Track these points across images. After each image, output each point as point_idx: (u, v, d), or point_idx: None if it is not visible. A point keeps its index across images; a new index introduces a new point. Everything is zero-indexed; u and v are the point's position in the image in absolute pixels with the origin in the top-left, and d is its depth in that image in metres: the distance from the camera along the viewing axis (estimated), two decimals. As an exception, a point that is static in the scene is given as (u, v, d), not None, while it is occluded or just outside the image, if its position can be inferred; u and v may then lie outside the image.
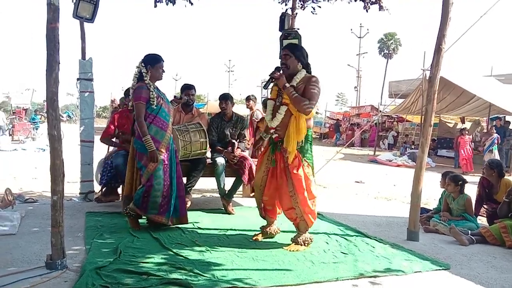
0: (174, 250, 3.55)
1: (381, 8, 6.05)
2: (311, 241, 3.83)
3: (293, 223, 3.88)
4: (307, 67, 3.81)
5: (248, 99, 7.37)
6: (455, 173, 5.12)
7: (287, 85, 3.69)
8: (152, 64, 4.11)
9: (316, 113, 5.11)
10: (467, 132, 14.52)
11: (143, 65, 4.08)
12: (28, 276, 2.88)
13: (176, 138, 4.73)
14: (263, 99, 7.21)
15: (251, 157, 5.45)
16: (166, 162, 4.10)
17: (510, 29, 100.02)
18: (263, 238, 4.03)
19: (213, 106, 24.06)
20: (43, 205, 5.13)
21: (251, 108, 7.33)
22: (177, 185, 4.21)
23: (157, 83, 4.20)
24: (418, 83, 16.02)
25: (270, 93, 3.98)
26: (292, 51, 3.78)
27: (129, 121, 5.23)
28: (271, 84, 3.89)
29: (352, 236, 4.29)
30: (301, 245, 3.76)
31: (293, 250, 3.69)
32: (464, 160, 13.38)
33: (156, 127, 4.03)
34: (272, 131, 3.81)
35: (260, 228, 4.13)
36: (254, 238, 4.02)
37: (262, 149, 4.02)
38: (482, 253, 3.95)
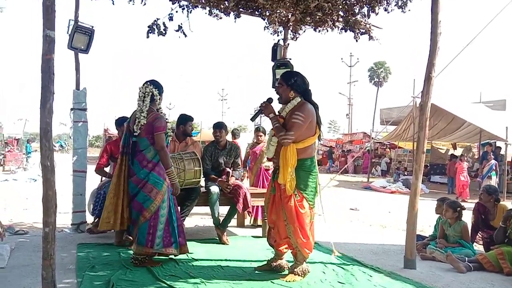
0: (168, 282, 3.47)
1: (370, 38, 6.19)
2: (308, 271, 3.76)
3: (291, 252, 3.81)
4: (305, 93, 3.75)
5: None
6: (453, 200, 5.13)
7: (271, 115, 3.72)
8: (162, 91, 4.11)
9: (319, 138, 5.10)
10: (465, 159, 14.28)
11: (158, 91, 4.01)
12: (17, 311, 2.80)
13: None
14: (256, 127, 7.31)
15: (251, 186, 5.44)
16: (168, 193, 4.03)
17: (497, 56, 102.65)
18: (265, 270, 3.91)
19: (206, 135, 24.09)
20: (34, 237, 5.03)
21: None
22: (175, 214, 4.13)
23: None
24: (409, 110, 16.21)
25: None
26: (284, 80, 3.77)
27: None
28: (260, 115, 3.94)
29: (349, 265, 4.23)
30: (298, 275, 3.68)
31: (289, 281, 3.62)
32: (462, 187, 13.02)
33: None
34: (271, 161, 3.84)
35: (267, 261, 3.99)
36: (256, 268, 3.95)
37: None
38: (480, 280, 3.91)
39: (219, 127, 5.44)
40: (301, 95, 3.73)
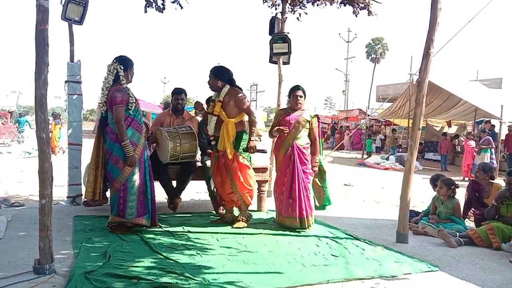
0: (164, 254, 3.53)
1: (369, 13, 6.11)
2: (251, 217, 4.70)
3: (236, 206, 4.72)
4: (230, 81, 4.60)
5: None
6: (448, 177, 5.17)
7: (203, 112, 4.96)
8: (130, 66, 4.19)
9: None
10: (472, 137, 13.21)
11: (122, 67, 4.09)
12: (15, 281, 2.84)
13: (165, 140, 4.71)
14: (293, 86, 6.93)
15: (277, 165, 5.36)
16: (141, 165, 4.13)
17: (495, 34, 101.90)
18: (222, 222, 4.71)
19: (202, 110, 23.90)
20: (29, 209, 5.06)
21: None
22: (150, 187, 4.22)
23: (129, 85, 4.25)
24: (406, 87, 16.19)
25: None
26: (212, 73, 4.60)
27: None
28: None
29: (342, 238, 4.30)
30: (243, 221, 4.59)
31: (237, 227, 4.51)
32: (469, 165, 12.18)
33: (133, 130, 4.08)
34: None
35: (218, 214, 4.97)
36: (211, 221, 4.80)
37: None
38: (470, 254, 4.00)
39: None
40: (227, 83, 4.56)
